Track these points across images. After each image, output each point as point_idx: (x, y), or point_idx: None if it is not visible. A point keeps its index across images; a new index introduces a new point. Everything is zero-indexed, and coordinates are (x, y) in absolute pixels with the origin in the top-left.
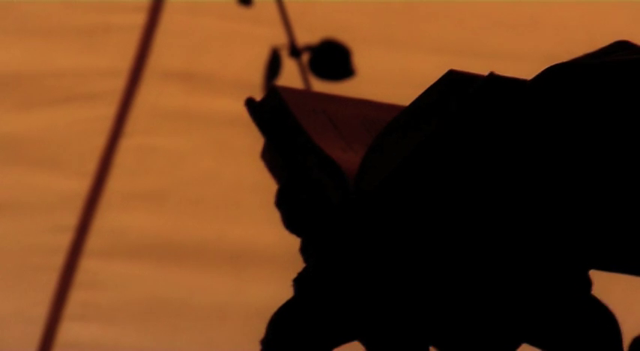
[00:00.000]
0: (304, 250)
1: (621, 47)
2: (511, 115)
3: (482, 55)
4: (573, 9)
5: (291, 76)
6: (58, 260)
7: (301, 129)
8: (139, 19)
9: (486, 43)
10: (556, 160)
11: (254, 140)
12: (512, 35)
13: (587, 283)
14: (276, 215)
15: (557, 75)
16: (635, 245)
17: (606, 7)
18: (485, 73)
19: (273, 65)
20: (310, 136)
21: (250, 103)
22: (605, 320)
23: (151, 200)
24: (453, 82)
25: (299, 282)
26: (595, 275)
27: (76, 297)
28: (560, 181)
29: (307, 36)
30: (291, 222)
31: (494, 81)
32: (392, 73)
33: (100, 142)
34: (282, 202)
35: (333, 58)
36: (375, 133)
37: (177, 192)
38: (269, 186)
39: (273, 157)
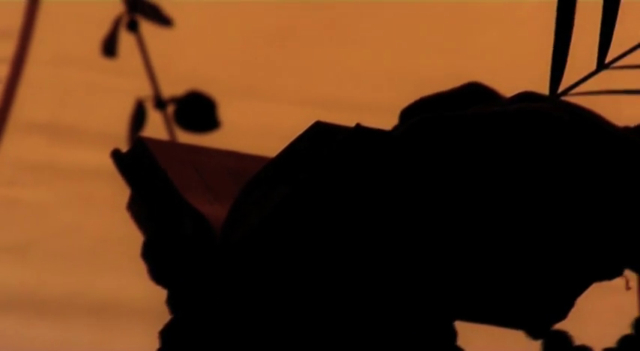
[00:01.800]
0: (171, 302)
1: (476, 91)
2: (377, 167)
3: (345, 107)
4: (435, 61)
5: (156, 127)
6: None
7: (168, 180)
8: (2, 70)
9: (349, 96)
10: (422, 212)
11: (119, 192)
12: (373, 88)
13: (452, 334)
14: (142, 267)
15: (425, 127)
16: (498, 297)
17: (467, 60)
18: (350, 124)
19: (138, 117)
20: (177, 188)
21: (116, 155)
22: None
23: (14, 253)
24: (320, 134)
25: (165, 334)
26: (460, 326)
27: None
28: (425, 232)
29: (172, 88)
30: (158, 274)
31: (360, 132)
32: (256, 125)
33: None
34: (149, 253)
35: (198, 110)
36: (242, 185)
37: (40, 245)
38: (135, 237)
39: (140, 209)
